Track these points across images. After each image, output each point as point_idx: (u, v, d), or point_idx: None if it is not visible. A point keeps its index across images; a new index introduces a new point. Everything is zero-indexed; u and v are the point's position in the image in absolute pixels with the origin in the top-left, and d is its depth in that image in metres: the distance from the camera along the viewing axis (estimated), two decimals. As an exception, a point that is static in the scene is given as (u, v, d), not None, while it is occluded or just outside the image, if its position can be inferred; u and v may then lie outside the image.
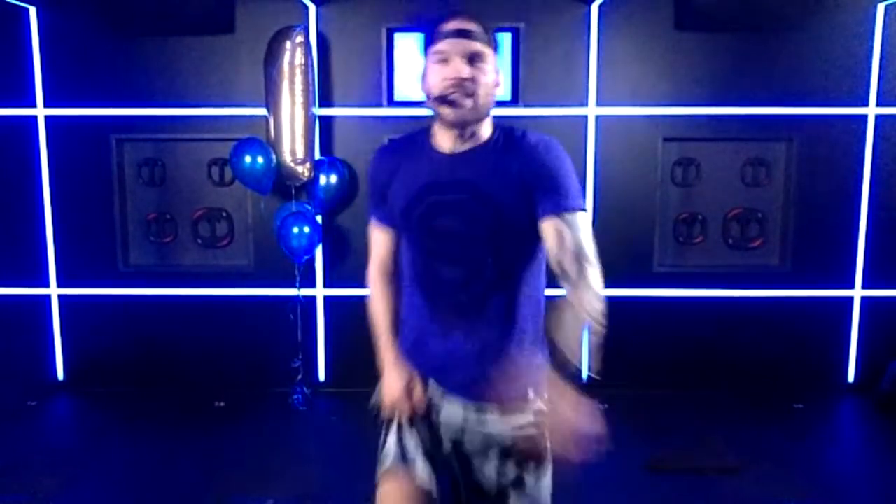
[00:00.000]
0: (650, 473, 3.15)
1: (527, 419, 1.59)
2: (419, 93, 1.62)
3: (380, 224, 1.73)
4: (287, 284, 3.98)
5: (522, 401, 1.60)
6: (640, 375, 4.15)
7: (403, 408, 1.62)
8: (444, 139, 1.59)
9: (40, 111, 4.03)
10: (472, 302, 1.59)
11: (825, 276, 4.08)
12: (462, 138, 1.57)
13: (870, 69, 3.92)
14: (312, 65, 3.72)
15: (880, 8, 3.88)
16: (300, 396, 3.94)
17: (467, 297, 1.59)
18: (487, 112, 1.58)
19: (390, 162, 1.67)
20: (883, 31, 3.89)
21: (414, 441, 1.64)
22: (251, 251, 4.14)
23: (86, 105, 4.01)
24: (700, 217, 4.15)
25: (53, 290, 4.17)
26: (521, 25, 3.92)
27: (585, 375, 1.70)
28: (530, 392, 1.60)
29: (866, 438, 3.76)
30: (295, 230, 3.71)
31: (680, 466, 3.17)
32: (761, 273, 4.13)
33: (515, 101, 3.97)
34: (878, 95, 3.93)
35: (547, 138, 1.59)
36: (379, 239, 1.74)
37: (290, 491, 2.99)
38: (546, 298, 1.69)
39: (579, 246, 1.49)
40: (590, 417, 1.38)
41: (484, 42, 1.56)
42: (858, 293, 4.09)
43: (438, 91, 1.52)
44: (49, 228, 4.11)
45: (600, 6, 3.89)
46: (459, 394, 1.63)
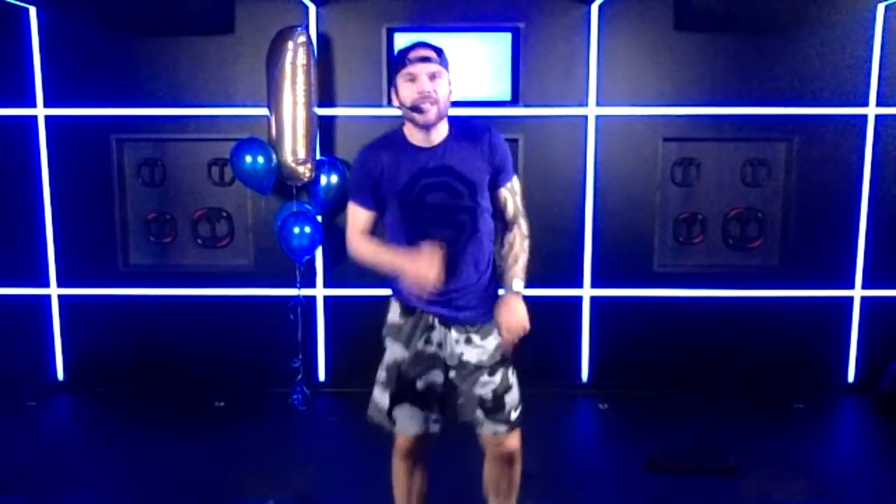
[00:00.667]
0: (649, 473, 3.15)
1: (496, 339, 2.22)
2: (392, 105, 2.14)
3: (365, 207, 2.17)
4: (287, 284, 3.98)
5: (489, 323, 2.21)
6: (640, 375, 4.16)
7: (433, 277, 1.96)
8: (418, 137, 2.12)
9: (40, 111, 4.03)
10: (456, 254, 2.12)
11: (825, 277, 4.08)
12: (431, 135, 2.11)
13: (870, 69, 3.92)
14: (314, 64, 3.72)
15: (880, 8, 3.88)
16: (300, 396, 3.94)
17: (452, 251, 2.09)
18: (446, 114, 2.11)
19: (379, 158, 2.14)
20: (883, 31, 3.90)
21: (415, 373, 2.21)
22: (251, 251, 4.14)
23: (86, 105, 4.02)
24: (700, 217, 4.15)
25: (53, 290, 4.17)
26: (521, 25, 3.92)
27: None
28: (493, 317, 2.19)
29: (866, 438, 3.76)
30: (295, 230, 3.71)
31: (680, 466, 3.18)
32: (761, 273, 4.13)
33: (515, 101, 3.97)
34: (878, 95, 3.93)
35: (488, 125, 2.20)
36: (362, 217, 2.18)
37: (290, 491, 2.99)
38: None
39: (518, 205, 2.27)
40: (519, 321, 2.15)
41: (440, 64, 2.07)
42: (858, 293, 4.09)
43: (410, 102, 2.04)
44: (49, 228, 4.11)
45: (600, 6, 3.89)
46: (452, 320, 2.19)
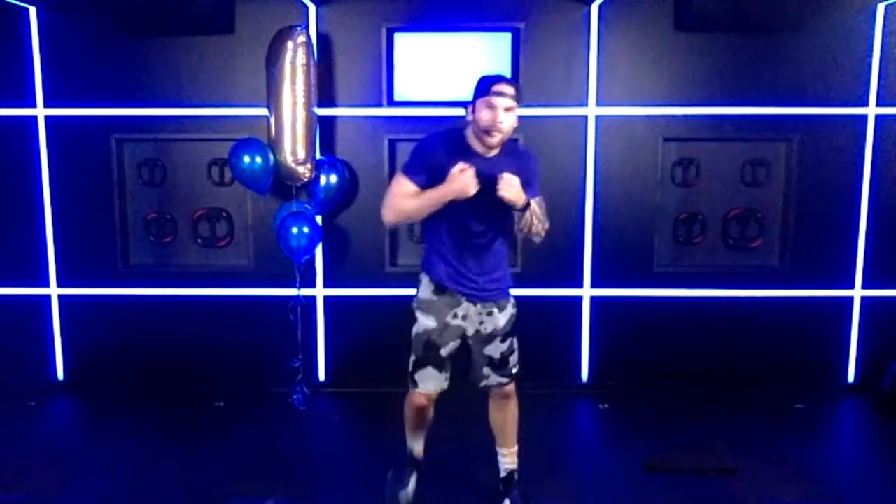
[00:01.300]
0: (649, 474, 3.15)
1: (510, 310, 2.75)
2: (466, 117, 2.59)
3: (412, 181, 2.54)
4: (287, 284, 3.98)
5: (506, 300, 2.74)
6: (640, 375, 4.16)
7: (472, 184, 2.42)
8: (480, 147, 2.56)
9: (40, 111, 4.03)
10: (485, 245, 2.65)
11: (825, 276, 4.08)
12: (491, 149, 2.57)
13: (870, 69, 3.92)
14: (314, 64, 3.72)
15: (880, 8, 3.88)
16: (300, 396, 3.94)
17: (483, 242, 2.64)
18: (507, 138, 2.57)
19: (443, 150, 2.55)
20: (883, 31, 3.90)
21: (442, 341, 2.68)
22: (251, 251, 4.14)
23: (86, 105, 4.02)
24: (700, 217, 4.15)
25: (53, 290, 4.17)
26: (521, 25, 3.92)
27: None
28: (510, 294, 2.76)
29: (866, 438, 3.76)
30: (295, 230, 3.71)
31: (680, 466, 3.18)
32: (761, 273, 4.13)
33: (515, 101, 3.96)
34: (878, 95, 3.93)
35: (533, 153, 2.82)
36: (407, 188, 2.54)
37: (290, 491, 2.99)
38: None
39: (545, 215, 2.69)
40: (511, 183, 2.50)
41: (515, 99, 2.50)
42: (858, 293, 4.09)
43: (485, 125, 2.49)
44: (49, 228, 4.11)
45: (600, 6, 3.89)
46: (477, 297, 2.67)
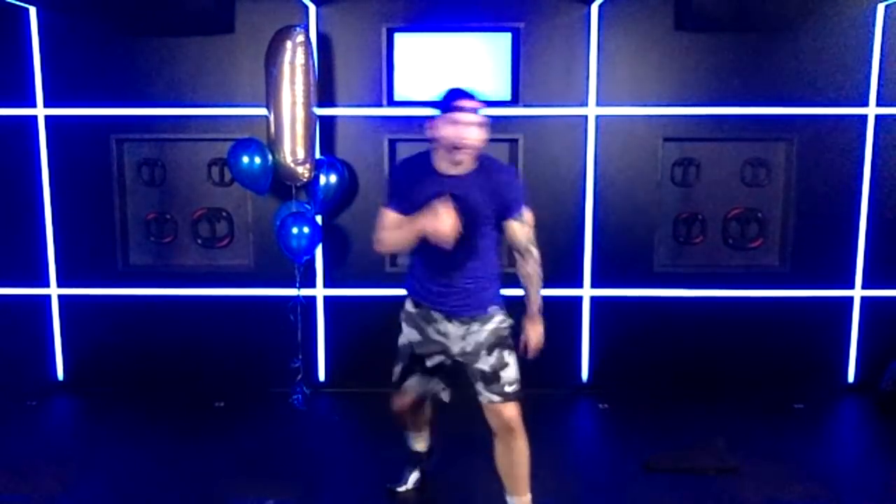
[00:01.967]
0: (649, 474, 3.15)
1: (495, 324, 2.61)
2: (427, 133, 2.48)
3: (395, 210, 2.54)
4: (287, 284, 3.98)
5: (485, 314, 2.61)
6: (640, 375, 4.16)
7: (450, 226, 2.33)
8: (447, 166, 2.48)
9: (40, 111, 4.03)
10: (456, 263, 2.55)
11: (825, 277, 4.08)
12: (458, 167, 2.47)
13: (870, 69, 3.92)
14: (313, 64, 3.72)
15: (880, 8, 3.88)
16: (300, 396, 3.94)
17: (453, 261, 2.54)
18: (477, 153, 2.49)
19: (405, 177, 2.56)
20: (883, 31, 3.90)
21: (426, 352, 2.67)
22: (251, 251, 4.14)
23: (86, 105, 4.02)
24: (700, 217, 4.15)
25: (53, 290, 4.17)
26: (521, 25, 3.92)
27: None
28: (489, 309, 2.61)
29: (866, 438, 3.76)
30: (294, 230, 3.71)
31: (680, 466, 3.18)
32: (761, 273, 4.13)
33: (515, 102, 3.97)
34: (878, 95, 3.93)
35: (508, 165, 2.75)
36: (391, 218, 2.54)
37: (290, 491, 2.99)
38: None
39: (530, 235, 2.58)
40: (539, 336, 2.69)
41: (483, 116, 2.42)
42: (858, 293, 4.09)
43: (450, 142, 2.40)
44: (49, 228, 4.11)
45: (600, 6, 3.89)
46: (453, 314, 2.60)
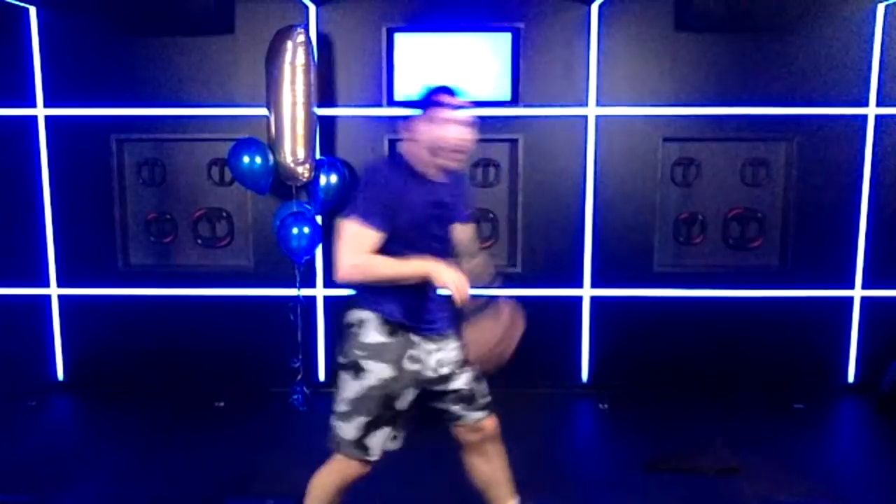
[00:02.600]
0: (650, 473, 3.15)
1: (457, 342, 2.34)
2: (420, 138, 2.19)
3: (378, 230, 2.11)
4: (287, 284, 3.98)
5: (453, 332, 2.35)
6: (640, 375, 4.16)
7: (465, 284, 2.10)
8: (429, 172, 2.20)
9: (40, 111, 4.03)
10: (467, 258, 2.39)
11: (825, 276, 4.08)
12: (440, 172, 2.21)
13: (870, 69, 3.92)
14: (314, 64, 3.72)
15: (880, 8, 3.88)
16: (300, 396, 3.94)
17: (467, 256, 2.38)
18: None
19: (397, 183, 2.16)
20: (883, 31, 3.90)
21: (398, 392, 2.22)
22: (251, 251, 4.14)
23: (86, 105, 4.02)
24: (700, 217, 4.15)
25: (53, 290, 4.17)
26: (521, 25, 3.92)
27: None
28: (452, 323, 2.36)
29: (866, 438, 3.76)
30: (295, 230, 3.71)
31: (680, 466, 3.17)
32: (761, 273, 4.13)
33: (515, 102, 3.97)
34: (878, 95, 3.93)
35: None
36: (372, 240, 2.11)
37: (290, 491, 2.98)
38: None
39: (476, 238, 2.55)
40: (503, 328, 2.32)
41: (473, 116, 2.20)
42: (858, 293, 4.09)
43: (447, 144, 2.14)
44: (49, 228, 4.11)
45: (600, 6, 3.89)
46: (436, 332, 2.28)
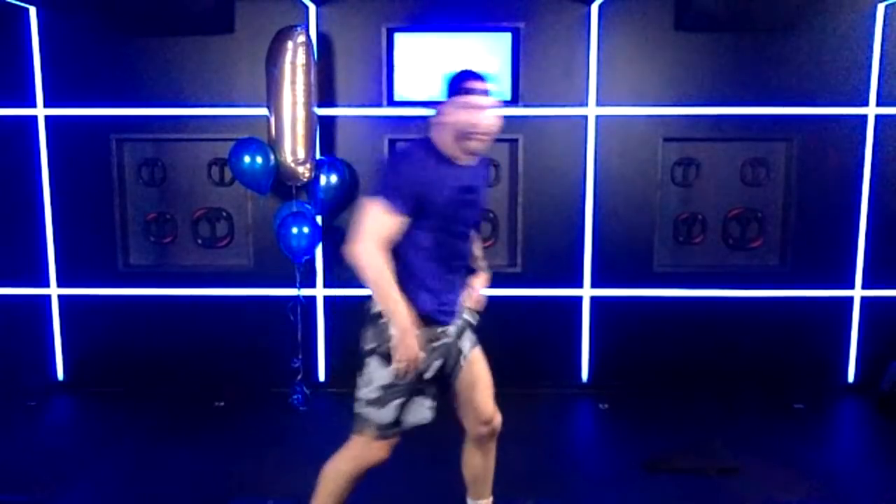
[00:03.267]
0: (649, 473, 3.15)
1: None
2: (448, 122, 2.17)
3: (400, 213, 2.11)
4: (287, 284, 3.98)
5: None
6: (640, 375, 4.16)
7: (419, 361, 2.17)
8: (460, 155, 2.20)
9: (40, 111, 4.03)
10: (464, 260, 2.37)
11: (825, 276, 4.08)
12: (469, 157, 2.23)
13: (870, 69, 3.92)
14: (314, 64, 3.72)
15: (880, 8, 3.88)
16: (300, 396, 3.94)
17: (462, 259, 2.35)
18: None
19: (426, 166, 2.16)
20: (883, 31, 3.90)
21: (425, 367, 2.26)
22: (251, 251, 4.14)
23: (86, 105, 4.02)
24: (700, 217, 4.15)
25: (53, 290, 4.17)
26: (521, 25, 3.92)
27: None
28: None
29: (866, 438, 3.76)
30: (295, 230, 3.71)
31: (680, 466, 3.17)
32: (761, 273, 4.13)
33: (515, 101, 3.97)
34: (878, 95, 3.94)
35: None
36: (392, 224, 2.12)
37: (290, 491, 2.99)
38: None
39: (481, 250, 2.58)
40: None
41: (497, 100, 2.22)
42: (858, 293, 4.09)
43: (472, 128, 2.14)
44: (49, 228, 4.11)
45: (600, 6, 3.89)
46: (457, 316, 2.36)
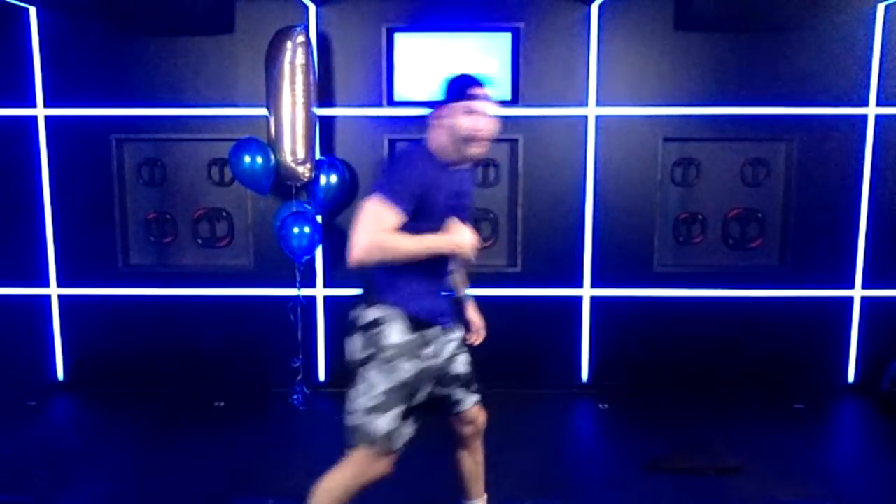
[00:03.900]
0: (649, 473, 3.15)
1: (460, 331, 2.47)
2: (446, 127, 2.17)
3: (401, 212, 2.07)
4: (287, 284, 3.98)
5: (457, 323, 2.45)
6: (640, 375, 4.16)
7: (474, 241, 2.19)
8: (456, 161, 2.21)
9: (40, 111, 4.03)
10: (450, 265, 2.33)
11: (825, 276, 4.08)
12: (463, 161, 2.24)
13: (870, 69, 3.92)
14: (314, 64, 3.72)
15: (880, 8, 3.88)
16: (300, 396, 3.94)
17: (449, 263, 2.32)
18: None
19: (427, 169, 2.15)
20: (883, 31, 3.90)
21: (422, 386, 2.26)
22: (251, 251, 4.14)
23: (86, 105, 4.02)
24: (700, 217, 4.15)
25: (53, 290, 4.17)
26: (521, 25, 3.92)
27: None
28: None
29: (866, 438, 3.76)
30: (295, 230, 3.71)
31: (680, 466, 3.18)
32: (761, 273, 4.13)
33: (515, 101, 3.97)
34: (878, 95, 3.94)
35: None
36: (392, 221, 2.07)
37: (290, 491, 2.98)
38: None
39: None
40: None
41: (496, 104, 2.21)
42: (858, 293, 4.09)
43: (472, 134, 2.14)
44: (49, 228, 4.11)
45: (600, 6, 3.89)
46: (448, 325, 2.35)
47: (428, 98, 3.89)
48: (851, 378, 4.17)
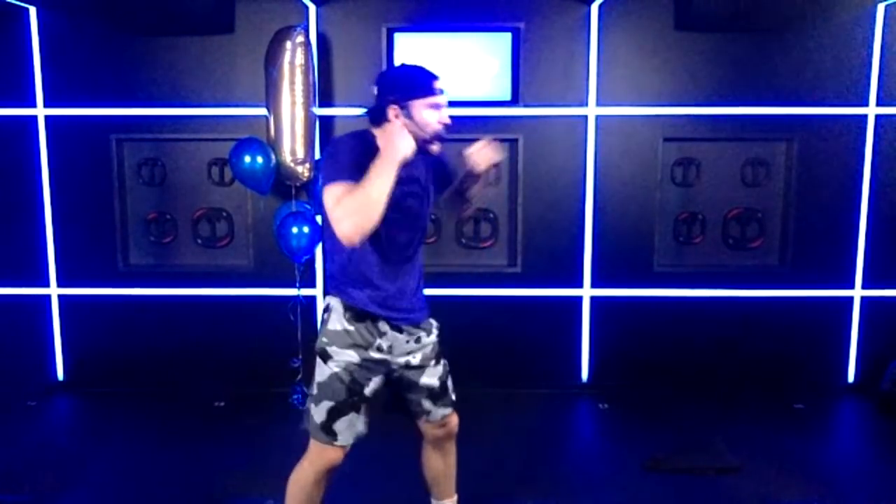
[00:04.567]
0: (649, 473, 3.15)
1: (435, 332, 2.33)
2: (386, 120, 2.12)
3: (353, 181, 1.97)
4: (287, 284, 3.98)
5: (430, 322, 2.32)
6: (640, 375, 4.16)
7: (409, 139, 2.02)
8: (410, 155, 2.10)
9: (40, 111, 4.03)
10: (411, 256, 2.24)
11: (825, 276, 4.08)
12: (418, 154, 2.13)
13: (870, 69, 3.92)
14: (313, 64, 3.72)
15: (880, 8, 3.88)
16: (300, 396, 3.94)
17: (410, 253, 2.23)
18: None
19: (368, 151, 2.05)
20: (883, 31, 3.90)
21: (366, 378, 2.18)
22: (251, 251, 4.14)
23: (86, 105, 4.02)
24: (700, 217, 4.15)
25: (53, 290, 4.17)
26: (521, 25, 3.92)
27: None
28: (427, 313, 2.32)
29: (866, 438, 3.76)
30: (294, 230, 3.71)
31: (680, 466, 3.17)
32: (761, 273, 4.13)
33: (515, 101, 3.97)
34: (878, 95, 3.93)
35: None
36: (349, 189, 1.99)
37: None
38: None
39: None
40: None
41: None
42: (858, 293, 4.09)
43: (433, 131, 2.11)
44: (49, 228, 4.11)
45: (600, 6, 3.89)
46: (405, 321, 2.22)
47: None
48: (851, 378, 4.16)
